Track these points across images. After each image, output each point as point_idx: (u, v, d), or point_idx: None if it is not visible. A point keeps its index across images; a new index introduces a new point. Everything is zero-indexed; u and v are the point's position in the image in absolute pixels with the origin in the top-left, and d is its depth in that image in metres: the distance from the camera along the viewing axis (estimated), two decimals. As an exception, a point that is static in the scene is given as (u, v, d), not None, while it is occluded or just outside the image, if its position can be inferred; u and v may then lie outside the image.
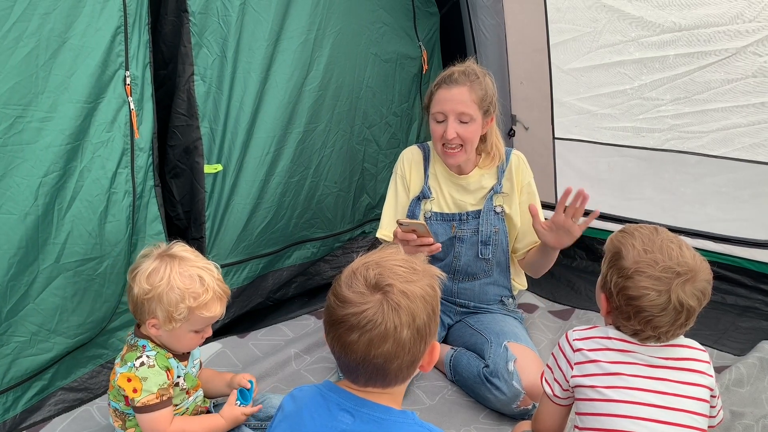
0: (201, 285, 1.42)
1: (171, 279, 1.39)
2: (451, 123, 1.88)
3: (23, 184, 1.60)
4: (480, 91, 1.88)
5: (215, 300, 1.44)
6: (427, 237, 1.74)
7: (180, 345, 1.49)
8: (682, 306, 1.23)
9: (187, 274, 1.41)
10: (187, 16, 1.92)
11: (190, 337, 1.47)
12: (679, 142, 2.45)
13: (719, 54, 2.22)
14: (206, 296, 1.41)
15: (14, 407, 1.70)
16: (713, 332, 2.29)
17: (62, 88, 1.63)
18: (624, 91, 2.49)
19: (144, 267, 1.42)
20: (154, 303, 1.39)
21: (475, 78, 1.89)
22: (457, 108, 1.87)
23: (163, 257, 1.44)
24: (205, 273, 1.44)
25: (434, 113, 1.92)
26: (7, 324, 1.64)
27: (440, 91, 1.90)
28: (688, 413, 1.25)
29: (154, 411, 1.40)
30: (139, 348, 1.45)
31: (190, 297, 1.40)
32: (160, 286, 1.39)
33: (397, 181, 2.08)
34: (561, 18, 2.52)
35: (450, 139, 1.88)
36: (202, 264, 1.46)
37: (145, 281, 1.40)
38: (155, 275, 1.40)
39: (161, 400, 1.41)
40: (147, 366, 1.41)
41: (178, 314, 1.39)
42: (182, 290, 1.39)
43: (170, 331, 1.42)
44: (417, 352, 1.01)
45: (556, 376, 1.38)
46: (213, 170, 2.08)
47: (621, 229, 1.35)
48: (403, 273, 1.02)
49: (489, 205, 2.01)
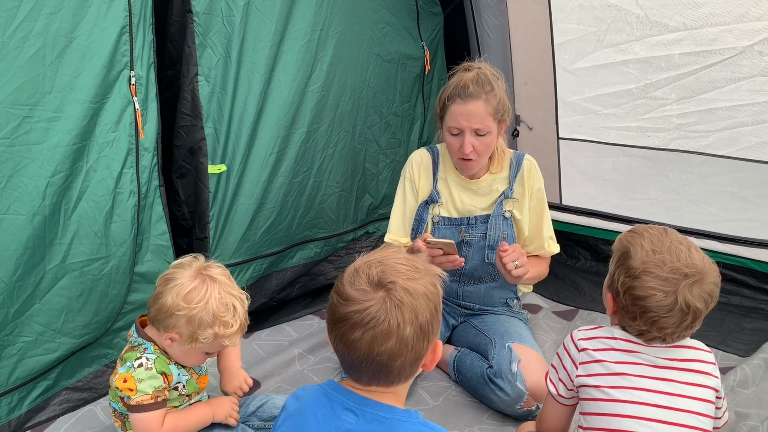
0: (233, 315, 1.41)
1: (208, 303, 1.38)
2: (468, 137, 1.85)
3: (31, 184, 1.61)
4: (494, 101, 1.85)
5: (239, 331, 1.44)
6: (453, 254, 1.77)
7: (186, 361, 1.48)
8: (689, 307, 1.22)
9: (223, 301, 1.40)
10: (191, 17, 1.92)
11: (200, 358, 1.48)
12: (685, 142, 2.45)
13: (725, 53, 2.21)
14: (234, 327, 1.41)
15: (19, 407, 1.70)
16: (718, 333, 2.28)
17: (69, 88, 1.64)
18: (629, 91, 2.49)
19: (182, 281, 1.40)
20: (183, 320, 1.38)
21: (489, 89, 1.84)
22: (474, 124, 1.83)
23: (204, 277, 1.42)
24: (239, 303, 1.43)
25: (450, 127, 1.88)
26: (13, 324, 1.64)
27: (455, 106, 1.85)
28: (693, 414, 1.25)
29: (147, 411, 1.40)
30: (140, 349, 1.45)
31: (221, 325, 1.39)
32: (196, 307, 1.37)
33: (406, 185, 2.06)
34: (566, 18, 2.52)
35: (467, 153, 1.86)
36: (237, 293, 1.45)
37: (183, 299, 1.38)
38: (195, 294, 1.38)
39: (156, 401, 1.41)
40: (145, 368, 1.41)
41: (203, 338, 1.39)
42: (215, 317, 1.39)
43: (187, 350, 1.42)
44: (420, 349, 1.01)
45: (560, 376, 1.38)
46: (217, 170, 2.08)
47: (630, 229, 1.35)
48: (405, 271, 1.02)
49: (499, 210, 1.99)
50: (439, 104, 1.93)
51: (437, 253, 1.76)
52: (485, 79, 1.86)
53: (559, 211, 2.84)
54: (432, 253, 1.75)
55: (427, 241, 1.77)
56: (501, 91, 1.88)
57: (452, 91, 1.87)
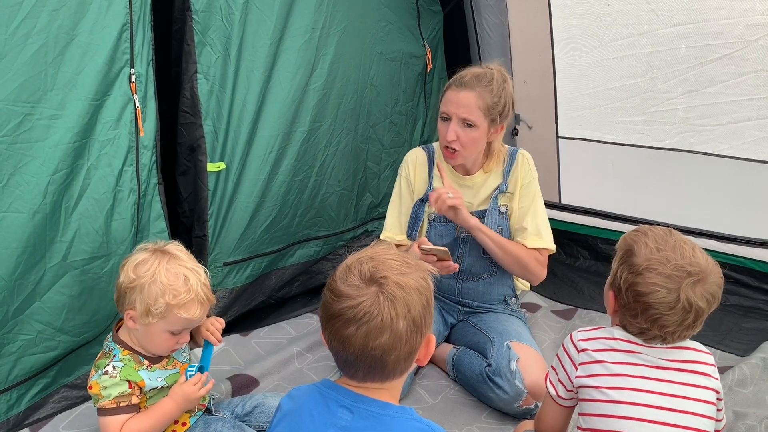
0: (184, 284, 1.41)
1: (156, 272, 1.40)
2: (453, 125, 1.88)
3: (32, 182, 1.61)
4: (489, 98, 1.85)
5: (195, 303, 1.43)
6: (447, 260, 1.79)
7: (153, 345, 1.48)
8: (691, 306, 1.22)
9: (173, 271, 1.42)
10: (191, 15, 1.92)
11: (165, 338, 1.46)
12: (690, 135, 2.44)
13: (729, 47, 2.21)
14: (187, 296, 1.41)
15: (18, 404, 1.70)
16: (716, 333, 2.29)
17: (70, 85, 1.64)
18: (635, 85, 2.48)
19: (134, 257, 1.44)
20: (136, 293, 1.40)
21: (487, 84, 1.85)
22: (460, 112, 1.86)
23: (155, 251, 1.45)
24: (192, 274, 1.44)
25: (441, 112, 1.93)
26: (13, 322, 1.65)
27: (449, 92, 1.90)
28: (694, 415, 1.24)
29: (109, 416, 1.42)
30: (110, 356, 1.46)
31: (171, 293, 1.40)
32: (144, 276, 1.40)
33: (402, 183, 2.08)
34: (569, 14, 2.52)
35: (450, 140, 1.88)
36: (191, 265, 1.46)
37: (132, 271, 1.41)
38: (142, 266, 1.41)
39: (117, 405, 1.42)
40: (110, 376, 1.42)
41: (155, 308, 1.39)
42: (164, 285, 1.40)
43: (146, 325, 1.42)
44: (414, 343, 1.02)
45: (560, 377, 1.38)
46: (216, 168, 2.08)
47: (635, 229, 1.36)
48: (396, 266, 1.03)
49: (494, 205, 2.00)
50: (441, 95, 1.97)
51: (432, 260, 1.79)
52: (488, 77, 1.87)
53: (558, 210, 2.84)
54: (427, 259, 1.78)
55: (421, 248, 1.80)
56: (503, 92, 1.87)
57: (452, 80, 1.92)
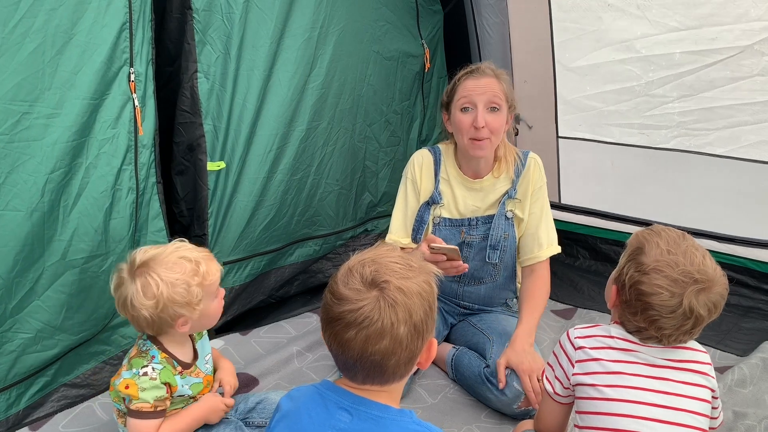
0: (188, 261, 1.41)
1: (164, 279, 1.37)
2: (481, 111, 1.84)
3: (30, 180, 1.60)
4: (506, 84, 1.90)
5: (208, 261, 1.44)
6: (457, 260, 1.76)
7: (212, 318, 1.49)
8: (692, 312, 1.22)
9: (170, 264, 1.40)
10: (191, 14, 1.92)
11: (215, 306, 1.48)
12: (686, 139, 2.45)
13: (725, 52, 2.22)
14: (202, 266, 1.41)
15: (17, 403, 1.70)
16: (716, 333, 2.28)
17: (68, 84, 1.64)
18: (631, 89, 2.49)
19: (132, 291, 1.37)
20: (170, 308, 1.38)
21: (500, 73, 1.91)
22: (487, 96, 1.84)
23: (136, 272, 1.38)
24: (180, 251, 1.43)
25: (462, 103, 1.87)
26: (12, 321, 1.65)
27: (467, 81, 1.87)
28: (690, 413, 1.25)
29: (145, 419, 1.40)
30: (147, 357, 1.43)
31: (194, 278, 1.39)
32: (161, 293, 1.36)
33: (408, 186, 2.04)
34: (566, 17, 2.52)
35: (480, 127, 1.83)
36: (172, 248, 1.44)
37: (146, 299, 1.36)
38: (149, 289, 1.36)
39: (155, 410, 1.41)
40: (149, 378, 1.40)
41: (196, 299, 1.40)
42: (181, 279, 1.38)
43: (201, 313, 1.43)
44: (414, 348, 1.01)
45: (557, 374, 1.38)
46: (216, 167, 2.08)
47: (648, 227, 1.35)
48: (399, 270, 1.02)
49: (501, 210, 1.98)
50: (447, 93, 1.95)
51: (441, 258, 1.75)
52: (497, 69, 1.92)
53: (558, 210, 2.84)
54: (436, 258, 1.74)
55: (431, 247, 1.76)
56: (509, 82, 1.93)
57: (463, 73, 1.91)
